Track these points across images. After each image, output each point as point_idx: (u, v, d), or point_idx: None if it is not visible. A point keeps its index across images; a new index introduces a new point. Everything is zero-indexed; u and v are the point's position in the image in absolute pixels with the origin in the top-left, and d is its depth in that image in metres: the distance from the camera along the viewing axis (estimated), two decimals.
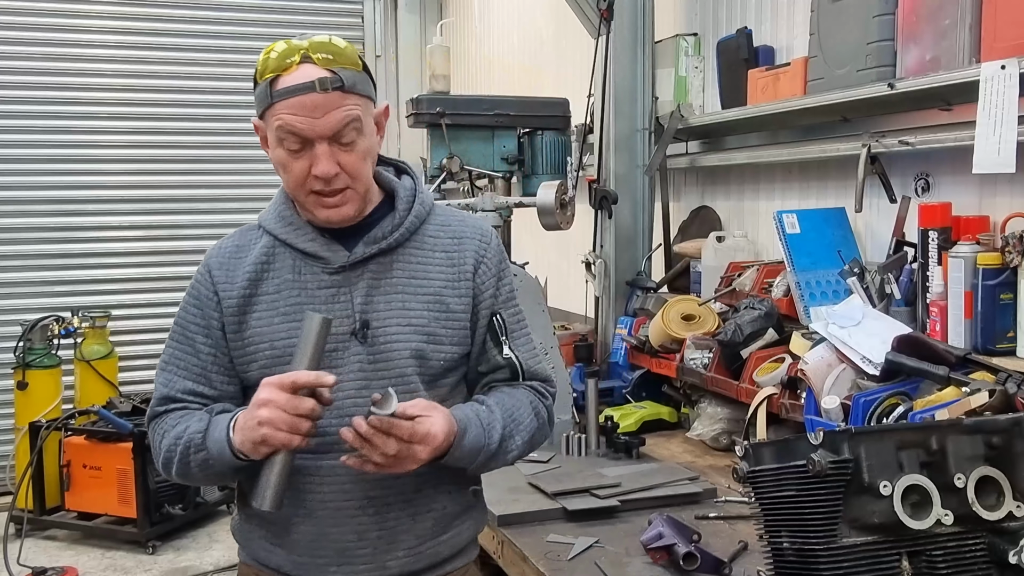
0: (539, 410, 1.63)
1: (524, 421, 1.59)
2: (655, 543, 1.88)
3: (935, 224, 2.28)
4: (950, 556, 1.31)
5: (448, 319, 1.57)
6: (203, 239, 5.98)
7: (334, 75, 1.44)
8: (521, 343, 1.65)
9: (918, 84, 2.36)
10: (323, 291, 1.54)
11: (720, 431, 2.75)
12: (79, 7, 5.75)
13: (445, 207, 1.71)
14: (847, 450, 1.31)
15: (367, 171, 1.53)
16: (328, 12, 6.19)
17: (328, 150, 1.46)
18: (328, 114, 1.44)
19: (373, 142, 1.53)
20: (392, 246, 1.56)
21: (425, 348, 1.54)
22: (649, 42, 3.55)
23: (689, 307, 3.05)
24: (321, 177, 1.47)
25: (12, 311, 5.56)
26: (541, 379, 1.66)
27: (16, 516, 4.75)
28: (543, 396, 1.65)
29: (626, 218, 3.55)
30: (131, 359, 5.77)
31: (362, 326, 1.52)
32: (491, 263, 1.62)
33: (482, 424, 1.52)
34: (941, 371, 1.97)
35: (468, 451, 1.50)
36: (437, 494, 1.58)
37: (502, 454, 1.56)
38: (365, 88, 1.50)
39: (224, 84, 5.96)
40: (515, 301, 1.67)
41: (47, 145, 5.71)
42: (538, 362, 1.67)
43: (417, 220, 1.59)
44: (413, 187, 1.62)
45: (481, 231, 1.65)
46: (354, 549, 1.54)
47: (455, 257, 1.60)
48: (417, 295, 1.56)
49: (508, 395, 1.61)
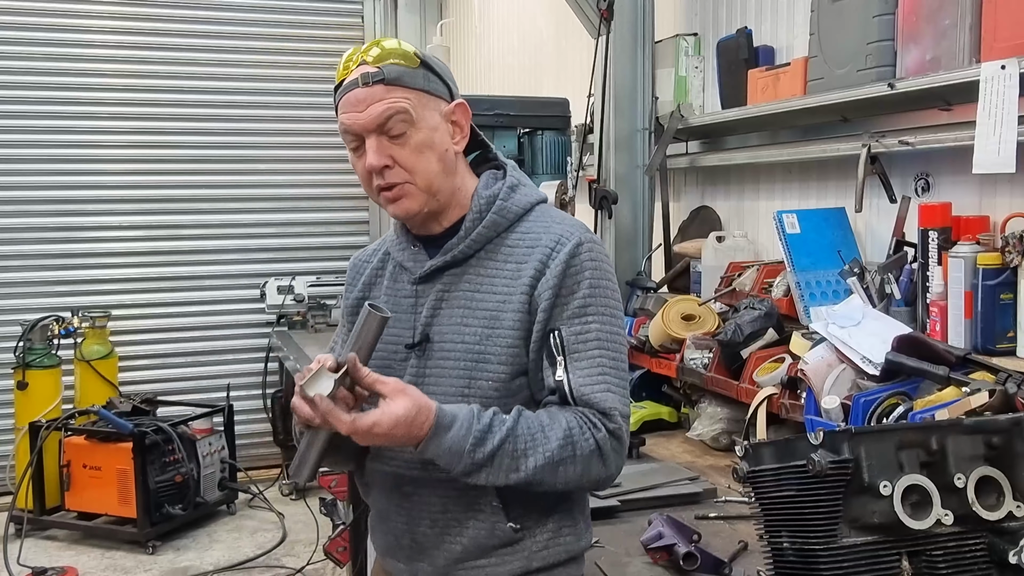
0: (577, 439, 1.41)
1: (548, 444, 1.40)
2: (655, 543, 1.88)
3: (935, 224, 2.28)
4: (950, 556, 1.31)
5: (499, 336, 1.47)
6: (203, 239, 5.99)
7: (377, 70, 1.46)
8: (582, 366, 1.45)
9: (918, 84, 2.36)
10: (405, 300, 1.57)
11: (720, 431, 2.75)
12: (79, 7, 5.75)
13: (548, 211, 1.57)
14: (847, 450, 1.31)
15: (426, 166, 1.49)
16: (328, 12, 6.19)
17: (376, 143, 1.47)
18: (370, 107, 1.46)
19: (436, 138, 1.50)
20: (459, 258, 1.52)
21: (473, 368, 1.47)
22: (649, 42, 3.55)
23: (689, 307, 3.05)
24: (371, 170, 1.47)
25: (12, 311, 5.56)
26: (597, 409, 1.44)
27: (16, 516, 4.76)
28: (593, 426, 1.43)
29: (626, 218, 3.56)
30: (131, 359, 5.78)
31: (421, 340, 1.51)
32: (554, 273, 1.46)
33: (472, 429, 1.38)
34: (941, 371, 1.97)
35: (445, 451, 1.38)
36: (465, 519, 1.50)
37: (501, 470, 1.40)
38: (416, 82, 1.48)
39: (224, 84, 5.96)
40: (588, 319, 1.47)
41: (47, 145, 5.71)
42: (601, 390, 1.45)
43: (490, 231, 1.52)
44: (495, 196, 1.54)
45: (558, 238, 1.49)
46: (394, 549, 1.60)
47: (521, 269, 1.49)
48: (476, 311, 1.49)
49: (548, 413, 1.45)
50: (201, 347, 6.02)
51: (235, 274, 6.05)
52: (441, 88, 1.52)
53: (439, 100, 1.52)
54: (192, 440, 5.02)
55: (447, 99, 1.53)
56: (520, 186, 1.57)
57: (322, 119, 6.07)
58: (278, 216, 6.13)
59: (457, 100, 1.55)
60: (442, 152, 1.51)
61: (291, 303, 5.52)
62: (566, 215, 1.59)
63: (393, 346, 1.54)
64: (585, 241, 1.49)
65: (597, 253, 1.51)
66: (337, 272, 5.90)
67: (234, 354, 6.05)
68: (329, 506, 3.45)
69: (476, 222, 1.53)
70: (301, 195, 6.16)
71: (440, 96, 1.52)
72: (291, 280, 5.64)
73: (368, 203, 6.27)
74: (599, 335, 1.47)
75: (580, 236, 1.50)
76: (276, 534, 4.90)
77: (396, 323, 1.54)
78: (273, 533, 4.93)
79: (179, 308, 5.98)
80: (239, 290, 6.01)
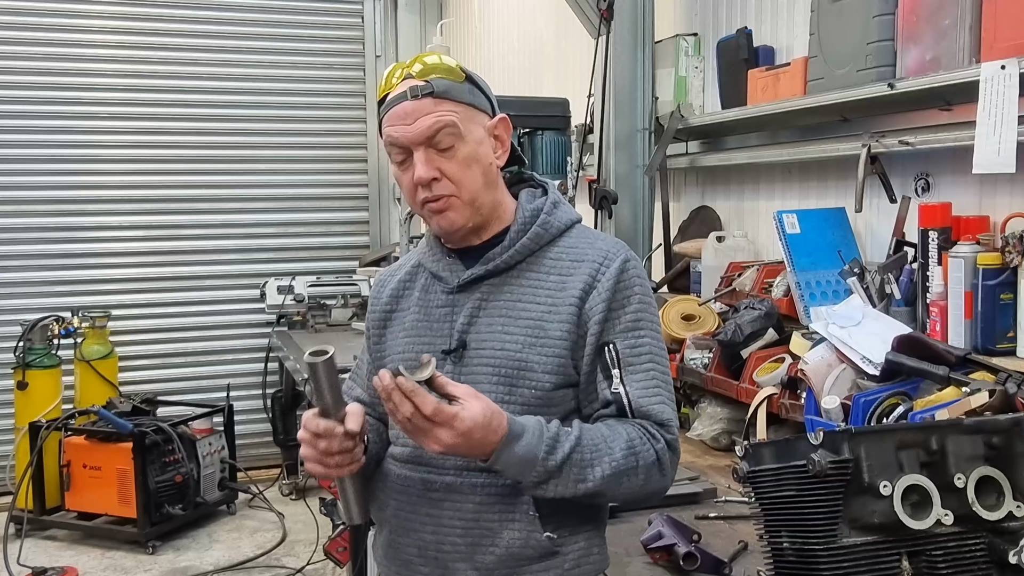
0: (638, 449, 1.43)
1: (613, 454, 1.41)
2: (655, 543, 1.88)
3: (935, 224, 2.28)
4: (950, 556, 1.31)
5: (544, 346, 1.47)
6: (203, 239, 5.99)
7: (426, 83, 1.47)
8: (638, 378, 1.47)
9: (918, 84, 2.36)
10: (439, 310, 1.56)
11: (720, 431, 2.75)
12: (79, 7, 5.75)
13: (586, 229, 1.61)
14: (847, 450, 1.31)
15: (472, 179, 1.50)
16: (328, 12, 6.19)
17: (425, 156, 1.47)
18: (419, 120, 1.46)
19: (481, 152, 1.51)
20: (501, 268, 1.53)
21: (515, 375, 1.48)
22: (649, 42, 3.55)
23: (689, 307, 3.05)
24: (419, 183, 1.48)
25: (12, 311, 5.56)
26: (655, 420, 1.47)
27: (16, 516, 4.76)
28: (652, 437, 1.45)
29: (626, 218, 3.55)
30: (131, 359, 5.77)
31: (458, 346, 1.52)
32: (605, 288, 1.48)
33: (544, 436, 1.38)
34: (941, 371, 1.97)
35: (518, 459, 1.37)
36: (500, 528, 1.47)
37: (569, 480, 1.39)
38: (463, 96, 1.50)
39: (224, 84, 5.96)
40: (640, 332, 1.49)
41: (47, 145, 5.71)
42: (657, 402, 1.47)
43: (533, 243, 1.54)
44: (539, 209, 1.56)
45: (605, 254, 1.51)
46: (417, 564, 1.55)
47: (566, 281, 1.50)
48: (518, 320, 1.50)
49: (606, 425, 1.45)
50: (201, 347, 6.02)
51: (235, 274, 6.04)
52: (484, 103, 1.54)
53: (483, 114, 1.54)
54: (192, 440, 5.02)
55: (490, 113, 1.55)
56: (561, 204, 1.60)
57: (322, 119, 6.07)
58: (278, 216, 6.12)
59: (499, 115, 1.57)
60: (486, 166, 1.53)
61: (291, 303, 5.52)
62: (605, 233, 1.63)
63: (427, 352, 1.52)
64: (630, 258, 1.53)
65: (640, 269, 1.55)
66: (337, 272, 5.90)
67: (234, 354, 6.04)
68: (329, 506, 3.45)
69: (520, 233, 1.54)
70: (301, 195, 6.16)
71: (484, 110, 1.54)
72: (291, 280, 5.64)
73: (368, 203, 6.28)
74: (651, 349, 1.50)
75: (625, 253, 1.54)
76: (276, 534, 4.90)
77: (429, 331, 1.56)
78: (273, 533, 4.93)
79: (179, 308, 5.98)
80: (239, 290, 6.00)
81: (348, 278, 5.66)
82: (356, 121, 6.19)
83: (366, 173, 6.26)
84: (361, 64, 6.21)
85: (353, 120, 6.19)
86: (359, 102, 6.18)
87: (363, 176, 6.27)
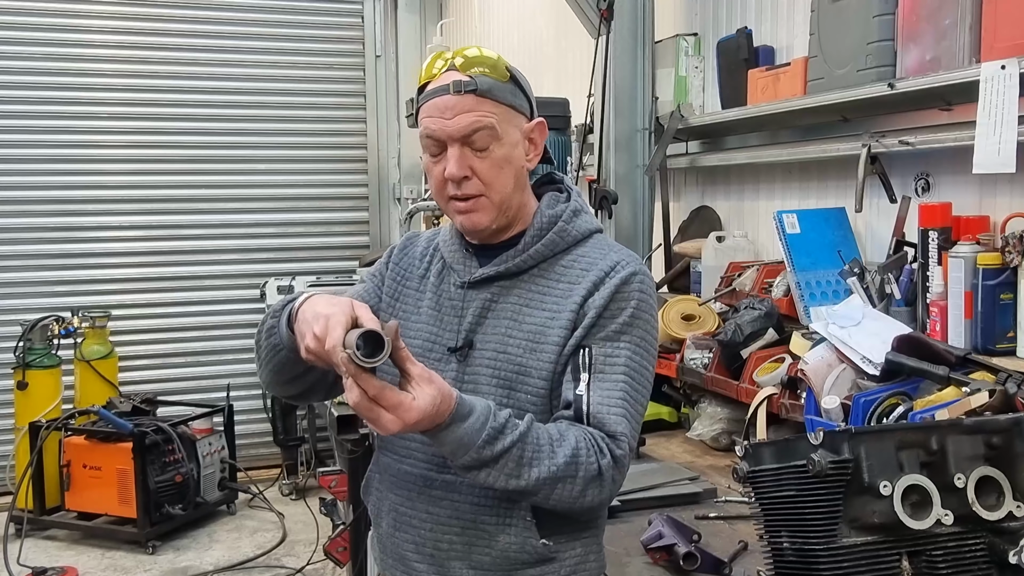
0: (582, 460, 1.37)
1: (555, 459, 1.36)
2: (655, 543, 1.88)
3: (935, 224, 2.29)
4: (950, 556, 1.31)
5: (543, 351, 1.47)
6: (203, 239, 5.99)
7: (470, 79, 1.46)
8: (605, 387, 1.43)
9: (918, 84, 2.37)
10: (450, 302, 1.56)
11: (720, 431, 2.75)
12: (79, 7, 5.74)
13: (606, 239, 1.59)
14: (847, 450, 1.31)
15: (504, 182, 1.50)
16: (328, 12, 6.18)
17: (459, 153, 1.46)
18: (459, 116, 1.45)
19: (515, 155, 1.51)
20: (512, 271, 1.53)
21: (513, 379, 1.47)
22: (649, 42, 3.55)
23: (689, 307, 3.05)
24: (450, 179, 1.47)
25: (12, 311, 5.56)
26: (607, 431, 1.41)
27: (16, 516, 4.76)
28: (599, 450, 1.39)
29: (626, 218, 3.56)
30: (131, 359, 5.77)
31: (464, 345, 1.51)
32: (603, 295, 1.46)
33: (487, 424, 1.33)
34: (941, 371, 1.97)
35: (454, 439, 1.31)
36: (496, 531, 1.47)
37: (502, 473, 1.35)
38: (505, 97, 1.48)
39: (224, 84, 5.96)
40: (621, 344, 1.45)
41: (47, 145, 5.70)
42: (615, 413, 1.42)
43: (547, 249, 1.53)
44: (558, 216, 1.55)
45: (614, 264, 1.49)
46: (413, 560, 1.54)
47: (573, 289, 1.49)
48: (522, 325, 1.50)
49: (557, 427, 1.41)
50: (201, 347, 6.02)
51: (235, 274, 6.04)
52: (524, 105, 1.53)
53: (521, 117, 1.53)
54: (192, 440, 5.02)
55: (528, 116, 1.54)
56: (582, 212, 1.59)
57: (322, 119, 6.06)
58: (278, 216, 6.12)
59: (537, 119, 1.55)
60: (518, 168, 1.52)
61: None
62: (622, 245, 1.60)
63: (436, 344, 1.54)
64: (640, 272, 1.51)
65: (648, 287, 1.52)
66: (337, 272, 5.90)
67: (234, 354, 6.03)
68: (329, 506, 3.45)
69: (536, 239, 1.53)
70: (301, 195, 6.15)
71: (523, 113, 1.53)
72: (291, 280, 5.64)
73: (368, 203, 6.27)
74: (628, 362, 1.46)
75: (636, 267, 1.51)
76: (276, 534, 4.90)
77: (439, 323, 1.55)
78: (273, 533, 4.93)
79: (179, 308, 5.97)
80: (239, 290, 6.00)
81: (348, 278, 5.65)
82: (356, 121, 6.19)
83: (366, 173, 6.26)
84: (361, 64, 6.21)
85: (353, 120, 6.18)
86: (359, 102, 6.18)
87: (363, 176, 6.26)
